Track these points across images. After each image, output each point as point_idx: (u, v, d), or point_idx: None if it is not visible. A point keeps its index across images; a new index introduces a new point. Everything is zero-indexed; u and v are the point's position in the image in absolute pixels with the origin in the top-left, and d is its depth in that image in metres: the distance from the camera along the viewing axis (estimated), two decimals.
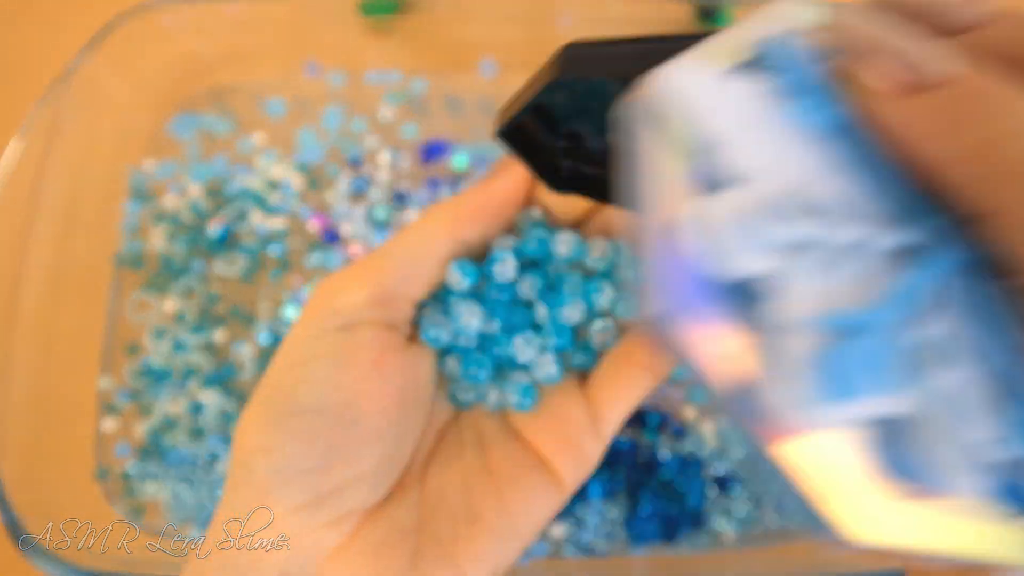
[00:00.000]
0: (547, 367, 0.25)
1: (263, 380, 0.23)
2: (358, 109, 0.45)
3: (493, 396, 0.26)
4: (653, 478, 0.38)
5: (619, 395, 0.25)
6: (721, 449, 0.39)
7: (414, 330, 0.25)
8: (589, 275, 0.27)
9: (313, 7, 0.44)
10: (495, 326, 0.26)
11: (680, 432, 0.39)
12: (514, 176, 0.25)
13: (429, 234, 0.24)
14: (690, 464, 0.39)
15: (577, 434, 0.25)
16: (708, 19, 0.44)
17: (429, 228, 0.24)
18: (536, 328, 0.26)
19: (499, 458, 0.25)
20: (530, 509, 0.24)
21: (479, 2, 0.44)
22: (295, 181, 0.44)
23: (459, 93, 0.45)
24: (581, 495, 0.38)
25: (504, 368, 0.27)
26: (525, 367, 0.26)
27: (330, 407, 0.22)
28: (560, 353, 0.26)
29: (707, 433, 0.39)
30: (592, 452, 0.25)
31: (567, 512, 0.38)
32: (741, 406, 0.14)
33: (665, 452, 0.39)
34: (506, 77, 0.46)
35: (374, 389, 0.23)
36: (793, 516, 0.39)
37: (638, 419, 0.40)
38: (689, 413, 0.40)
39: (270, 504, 0.21)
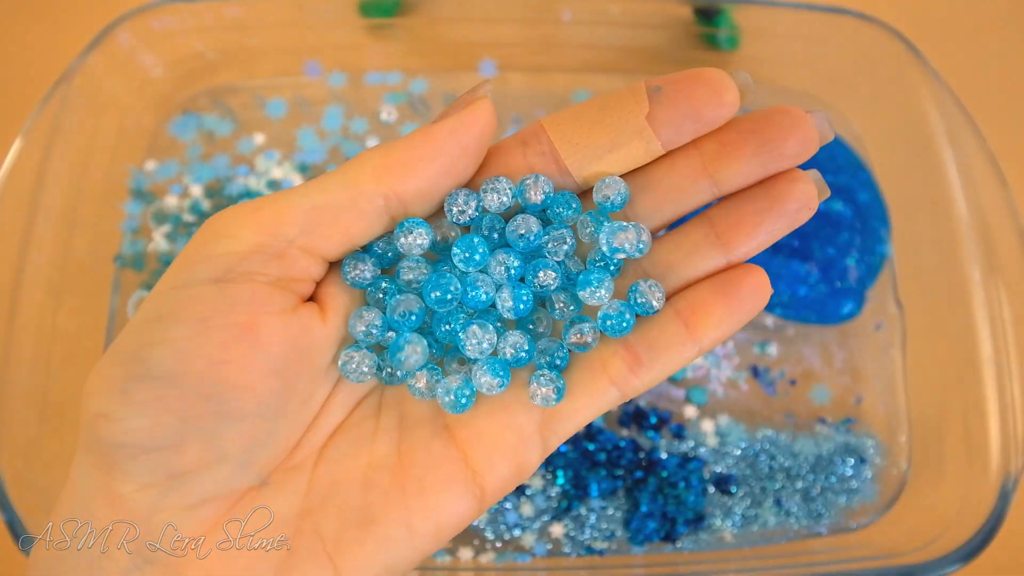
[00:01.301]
0: (483, 376, 0.21)
1: (120, 334, 0.19)
2: (358, 109, 0.45)
3: (422, 382, 0.22)
4: (653, 478, 0.38)
5: (579, 408, 0.21)
6: (721, 449, 0.39)
7: (326, 289, 0.22)
8: (579, 261, 0.23)
9: (313, 7, 0.44)
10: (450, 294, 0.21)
11: (680, 432, 0.40)
12: (473, 116, 0.20)
13: (350, 180, 0.20)
14: (690, 464, 0.39)
15: (518, 444, 0.21)
16: (708, 20, 0.44)
17: (351, 173, 0.20)
18: (489, 316, 0.22)
19: (416, 452, 0.21)
20: (438, 519, 0.20)
21: (479, 2, 0.44)
22: (296, 181, 0.44)
23: (459, 93, 0.45)
24: (581, 495, 0.38)
25: (448, 351, 0.23)
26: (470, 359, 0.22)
27: (187, 376, 0.18)
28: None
29: (707, 433, 0.40)
30: (530, 465, 0.21)
31: (567, 512, 0.38)
32: None
33: (665, 452, 0.39)
34: (506, 77, 0.46)
35: (242, 359, 0.19)
36: (793, 516, 0.39)
37: (638, 419, 0.40)
38: (689, 413, 0.40)
39: (115, 477, 0.19)
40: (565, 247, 0.22)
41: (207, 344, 0.18)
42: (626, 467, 0.39)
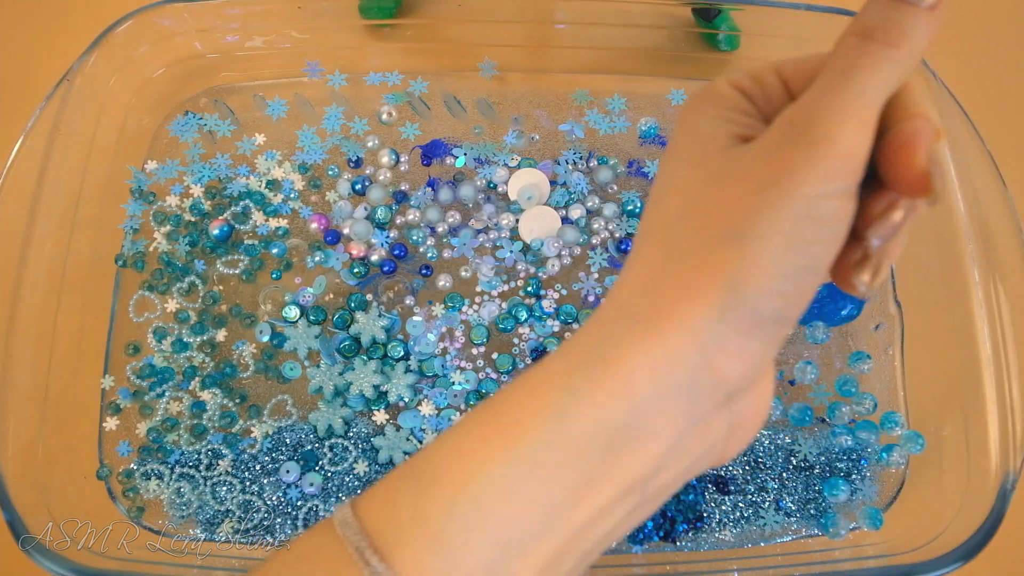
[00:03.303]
0: None
1: (769, 224, 0.22)
2: (358, 109, 0.45)
3: None
4: None
5: None
6: None
7: None
8: None
9: (313, 8, 0.44)
10: None
11: None
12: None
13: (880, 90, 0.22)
14: None
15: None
16: (708, 20, 0.44)
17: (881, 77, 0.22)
18: None
19: None
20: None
21: (479, 2, 0.44)
22: (296, 181, 0.44)
23: (459, 93, 0.45)
24: None
25: None
26: None
27: (816, 277, 0.23)
28: None
29: None
30: None
31: None
32: None
33: None
34: (506, 77, 0.46)
35: None
36: (793, 516, 0.39)
37: None
38: None
39: (754, 338, 0.22)
40: None
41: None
42: None
